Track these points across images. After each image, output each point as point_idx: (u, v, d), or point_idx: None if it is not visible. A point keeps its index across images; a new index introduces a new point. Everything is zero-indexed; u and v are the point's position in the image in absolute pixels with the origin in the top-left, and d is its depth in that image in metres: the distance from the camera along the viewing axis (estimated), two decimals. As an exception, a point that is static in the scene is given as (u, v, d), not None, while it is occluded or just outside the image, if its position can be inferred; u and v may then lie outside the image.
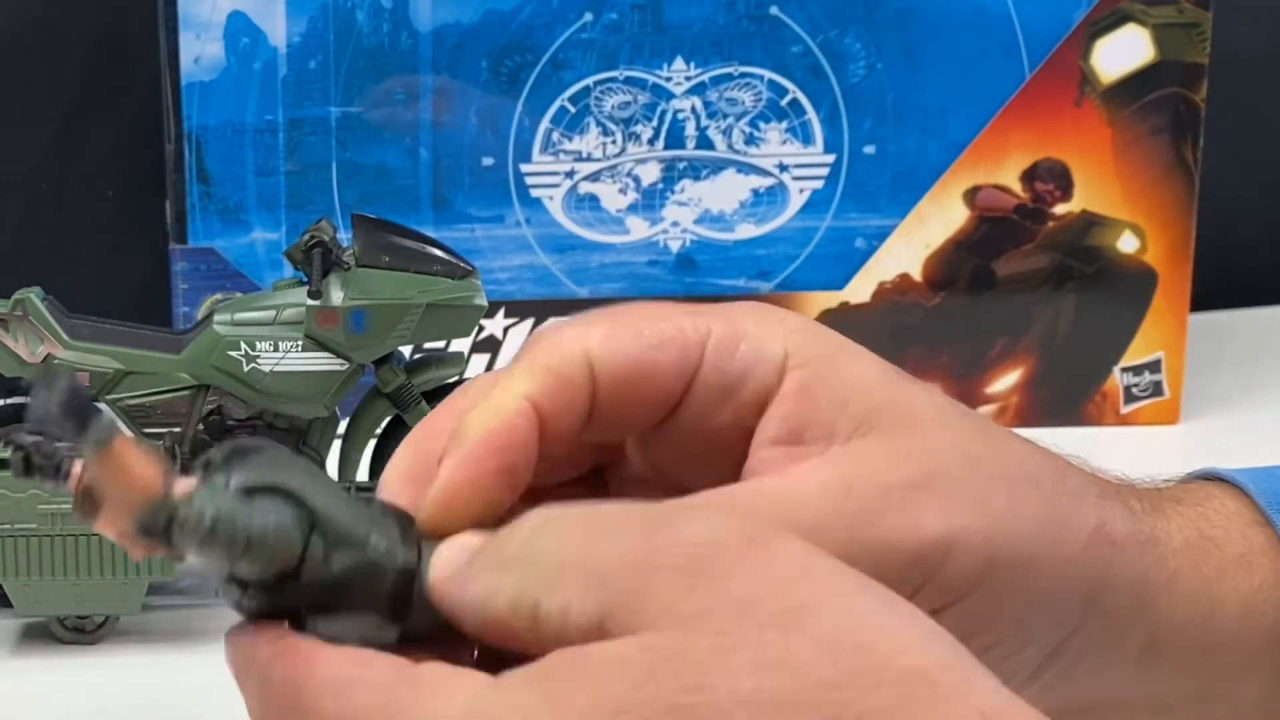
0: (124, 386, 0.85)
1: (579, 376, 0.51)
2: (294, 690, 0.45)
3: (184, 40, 1.02)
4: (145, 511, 0.45)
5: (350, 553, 0.46)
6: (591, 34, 1.04)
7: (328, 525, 0.46)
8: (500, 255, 1.05)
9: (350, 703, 0.44)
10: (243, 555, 0.46)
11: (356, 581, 0.47)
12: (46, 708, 0.77)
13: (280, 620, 0.48)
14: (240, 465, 0.47)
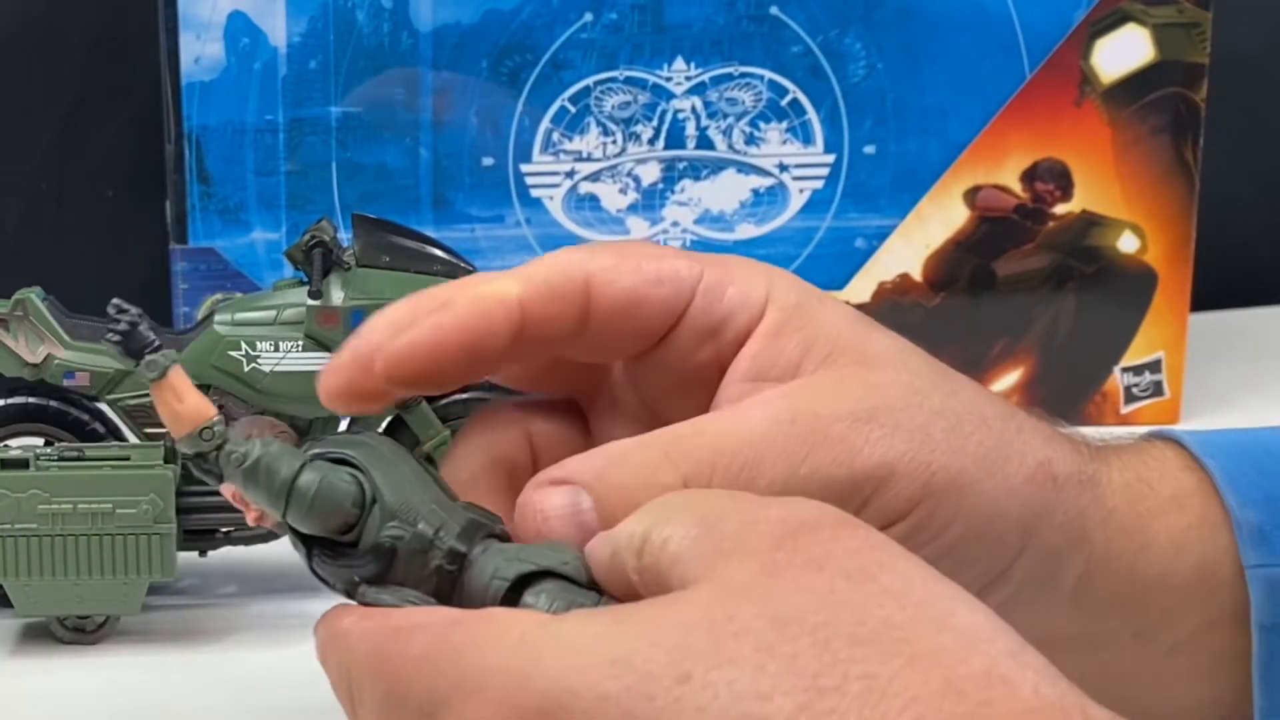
0: (124, 386, 0.85)
1: (573, 294, 0.55)
2: (367, 648, 0.49)
3: (184, 40, 1.02)
4: (196, 432, 0.53)
5: (401, 527, 0.51)
6: (591, 34, 1.04)
7: (386, 500, 0.51)
8: (500, 255, 1.05)
9: (415, 644, 0.47)
10: (289, 506, 0.51)
11: (405, 556, 0.51)
12: (46, 708, 0.77)
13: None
14: (321, 441, 0.53)
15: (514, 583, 0.50)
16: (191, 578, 0.88)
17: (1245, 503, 0.58)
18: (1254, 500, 0.58)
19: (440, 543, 0.51)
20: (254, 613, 0.85)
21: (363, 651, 0.49)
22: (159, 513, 0.79)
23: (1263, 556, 0.58)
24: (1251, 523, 0.58)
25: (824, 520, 0.47)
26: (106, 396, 0.86)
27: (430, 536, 0.51)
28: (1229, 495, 0.58)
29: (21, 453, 0.80)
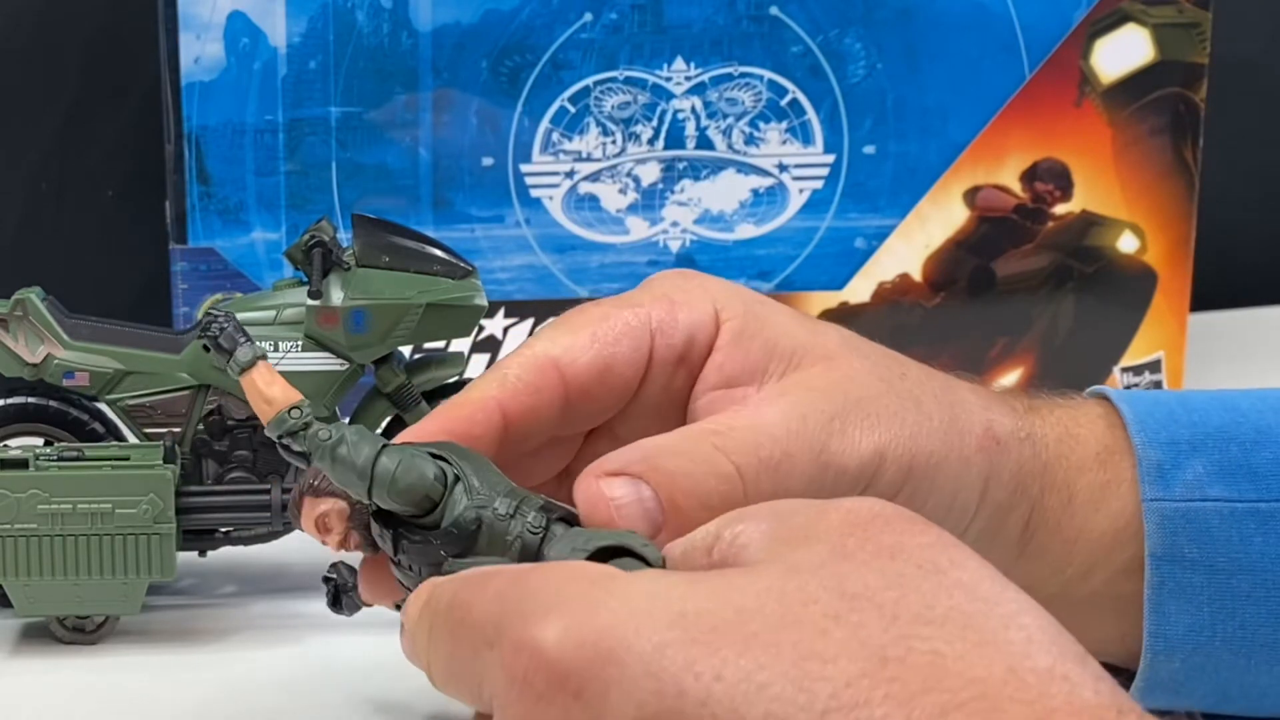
0: (124, 386, 0.85)
1: (549, 384, 0.59)
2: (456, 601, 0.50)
3: (184, 40, 1.02)
4: (286, 410, 0.58)
5: (484, 502, 0.55)
6: (591, 34, 1.04)
7: (468, 483, 0.55)
8: (500, 255, 1.05)
9: (492, 584, 0.49)
10: (374, 482, 0.56)
11: (488, 529, 0.55)
12: (46, 708, 0.77)
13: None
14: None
15: (594, 554, 0.51)
16: (191, 578, 0.88)
17: (1150, 443, 0.62)
18: (1159, 441, 0.62)
19: (523, 514, 0.54)
20: (253, 613, 0.85)
21: (445, 598, 0.50)
22: (158, 513, 0.79)
23: (1158, 491, 0.61)
24: (1152, 460, 0.61)
25: (896, 515, 0.48)
26: (106, 396, 0.86)
27: (511, 511, 0.54)
28: (1136, 435, 0.62)
29: (21, 453, 0.80)
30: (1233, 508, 0.61)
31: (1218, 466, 0.61)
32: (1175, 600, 0.61)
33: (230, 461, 0.85)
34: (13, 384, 0.86)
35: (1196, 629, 0.61)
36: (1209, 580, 0.61)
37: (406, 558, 0.56)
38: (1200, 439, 0.62)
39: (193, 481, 0.84)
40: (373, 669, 0.78)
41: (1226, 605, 0.61)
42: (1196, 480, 0.61)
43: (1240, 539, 0.61)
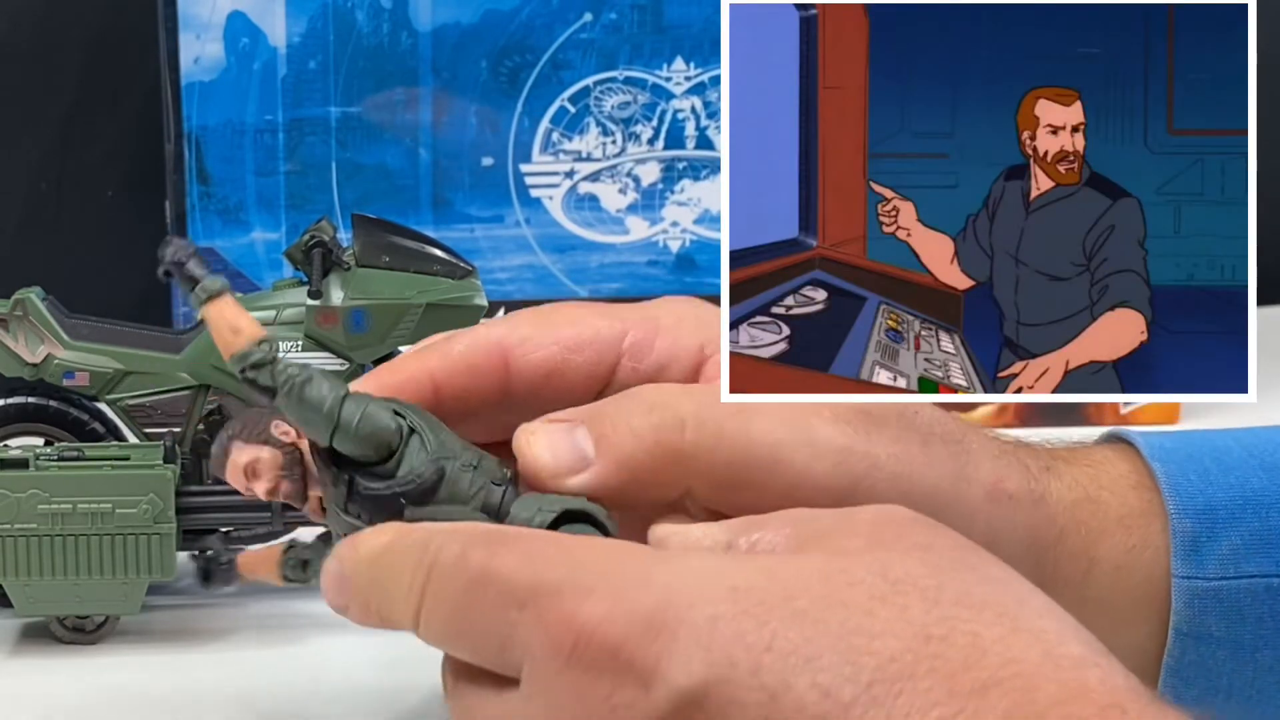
0: (124, 386, 0.85)
1: (490, 368, 0.58)
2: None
3: (184, 40, 1.02)
4: (249, 346, 0.56)
5: (443, 452, 0.54)
6: (591, 34, 1.04)
7: (424, 436, 0.54)
8: (500, 255, 1.05)
9: (521, 542, 0.49)
10: (337, 426, 0.54)
11: (451, 477, 0.54)
12: (46, 708, 0.77)
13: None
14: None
15: (560, 516, 0.52)
16: (191, 578, 0.87)
17: (1184, 511, 0.59)
18: (1193, 509, 0.59)
19: (485, 469, 0.54)
20: (253, 613, 0.85)
21: (452, 549, 0.49)
22: (158, 512, 0.79)
23: (1190, 569, 0.59)
24: (1187, 532, 0.59)
25: (922, 519, 0.49)
26: (106, 396, 0.86)
27: (475, 463, 0.54)
28: (1170, 502, 0.59)
29: (21, 453, 0.80)
30: (1268, 583, 0.59)
31: (1255, 537, 0.59)
32: (1194, 671, 0.60)
33: (230, 461, 0.85)
34: (13, 384, 0.86)
35: (1210, 693, 0.60)
36: (1232, 655, 0.59)
37: (358, 506, 0.55)
38: (1238, 506, 0.60)
39: (193, 481, 0.84)
40: (372, 669, 0.78)
41: (1245, 675, 0.60)
42: (1232, 554, 0.59)
43: (1271, 615, 0.59)
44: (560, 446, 0.54)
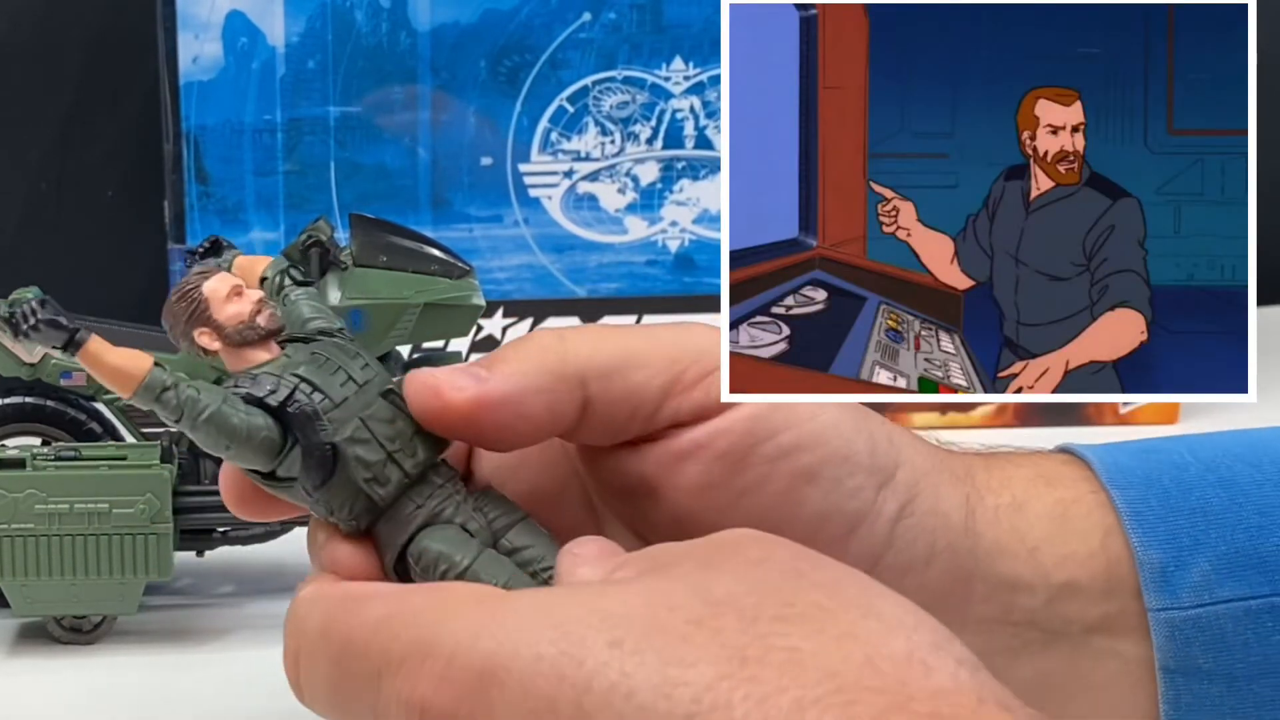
0: (122, 386, 0.85)
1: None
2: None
3: (182, 40, 1.02)
4: (155, 372, 0.51)
5: (323, 445, 0.51)
6: (590, 34, 1.04)
7: (304, 414, 0.51)
8: (499, 255, 1.05)
9: (372, 609, 0.48)
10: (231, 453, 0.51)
11: (344, 464, 0.51)
12: (44, 708, 0.77)
13: None
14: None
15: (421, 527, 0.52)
16: (188, 578, 0.87)
17: (1149, 542, 0.57)
18: (1158, 539, 0.57)
19: (374, 411, 0.52)
20: (251, 613, 0.85)
21: (315, 620, 0.50)
22: (156, 513, 0.79)
23: (1164, 600, 0.57)
24: (1154, 563, 0.57)
25: (766, 537, 0.48)
26: (103, 396, 0.85)
27: (361, 431, 0.51)
28: (1134, 534, 0.57)
29: (18, 452, 0.80)
30: (1246, 606, 0.57)
31: (1225, 561, 0.57)
32: (1195, 714, 0.57)
33: (228, 461, 0.85)
34: (10, 384, 0.86)
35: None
36: (1229, 690, 0.57)
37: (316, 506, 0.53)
38: (1202, 530, 0.58)
39: (190, 481, 0.84)
40: (370, 669, 0.78)
41: (1250, 715, 0.57)
42: (1204, 581, 0.57)
43: (1258, 640, 0.57)
44: (454, 374, 0.53)
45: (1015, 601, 0.58)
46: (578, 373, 0.54)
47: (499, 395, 0.53)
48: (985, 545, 0.57)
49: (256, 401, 0.51)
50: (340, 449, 0.51)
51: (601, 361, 0.54)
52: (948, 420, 1.08)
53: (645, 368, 0.55)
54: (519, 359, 0.54)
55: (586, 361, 0.54)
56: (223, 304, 0.54)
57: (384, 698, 0.47)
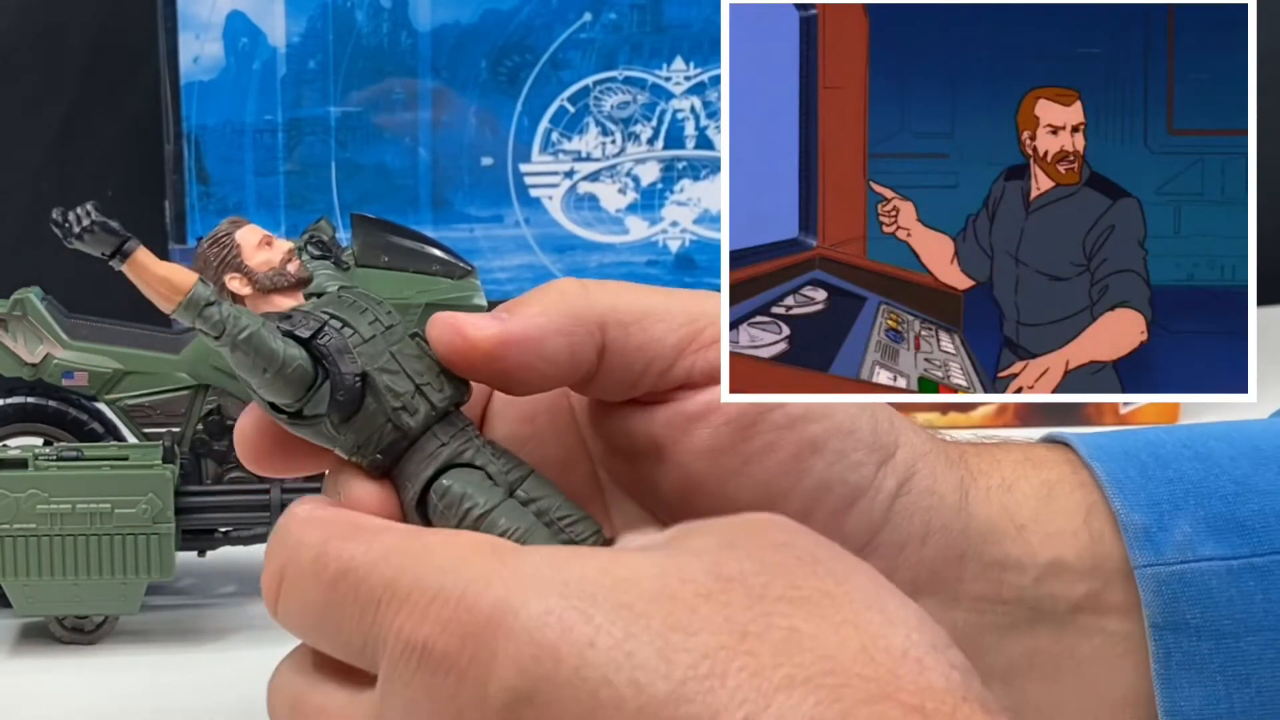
0: (123, 386, 0.85)
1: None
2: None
3: (183, 40, 1.02)
4: (198, 288, 0.52)
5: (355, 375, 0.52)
6: (591, 34, 1.04)
7: (336, 348, 0.52)
8: (499, 255, 1.05)
9: (380, 540, 0.49)
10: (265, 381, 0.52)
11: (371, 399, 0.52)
12: (45, 708, 0.77)
13: None
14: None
15: (441, 466, 0.52)
16: (190, 577, 0.88)
17: (1131, 506, 0.59)
18: (1140, 504, 0.59)
19: (404, 362, 0.53)
20: (252, 613, 0.85)
21: (311, 540, 0.50)
22: (157, 512, 0.79)
23: (1149, 556, 0.59)
24: (1137, 525, 0.59)
25: (792, 524, 0.49)
26: (105, 396, 0.86)
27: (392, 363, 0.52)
28: (1115, 500, 0.59)
29: (20, 453, 0.80)
30: (1229, 565, 0.59)
31: (1204, 523, 0.59)
32: (1185, 672, 0.59)
33: (229, 461, 0.85)
34: (12, 384, 0.86)
35: (1212, 701, 0.59)
36: (1216, 646, 0.59)
37: (339, 439, 0.53)
38: (1180, 497, 0.60)
39: (192, 481, 0.84)
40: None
41: (1239, 672, 0.59)
42: (1186, 540, 0.59)
43: (1242, 598, 0.59)
44: (476, 317, 0.54)
45: (1005, 579, 0.59)
46: (598, 318, 0.55)
47: (521, 334, 0.54)
48: (977, 525, 0.59)
49: (288, 334, 0.52)
50: (371, 377, 0.52)
51: (622, 310, 0.55)
52: (948, 420, 1.08)
53: (663, 321, 0.56)
54: (542, 302, 0.55)
55: (608, 309, 0.55)
56: (254, 251, 0.55)
57: (380, 630, 0.48)
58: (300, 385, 0.52)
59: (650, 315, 0.55)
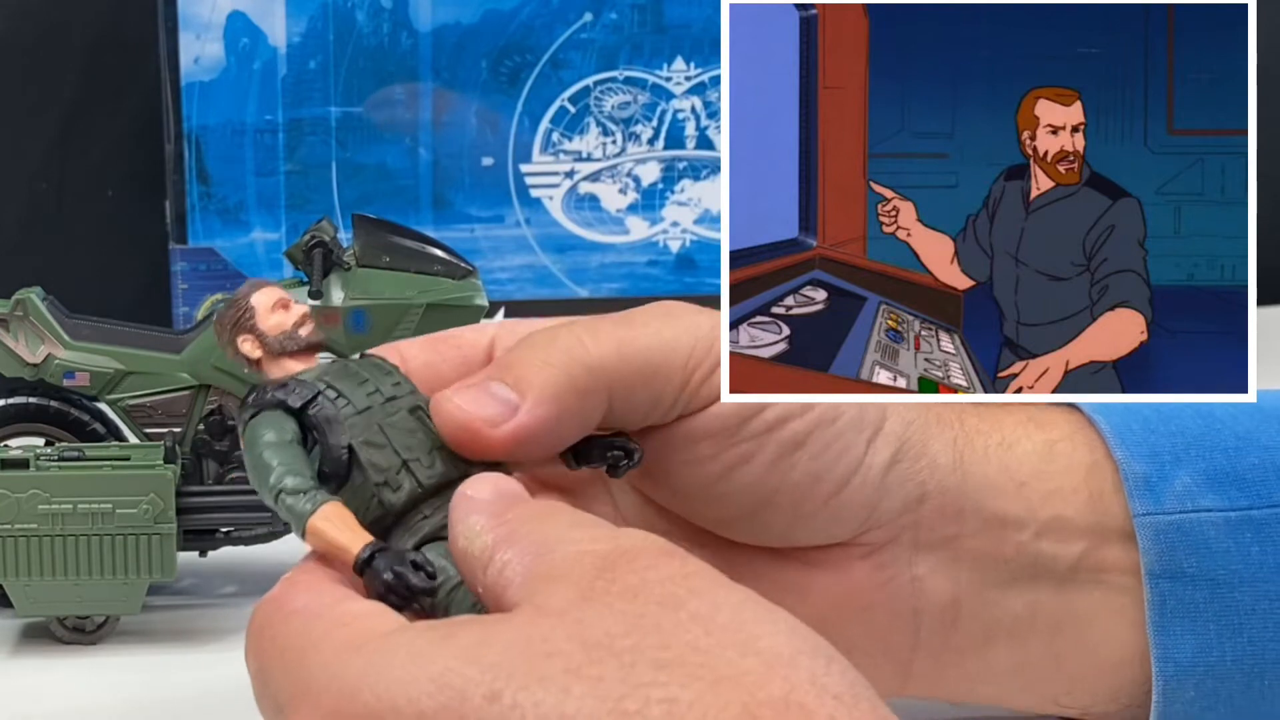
0: (124, 386, 0.85)
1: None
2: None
3: (184, 40, 1.02)
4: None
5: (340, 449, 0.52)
6: (591, 34, 1.04)
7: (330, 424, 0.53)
8: (500, 255, 1.06)
9: (283, 633, 0.49)
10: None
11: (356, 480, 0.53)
12: (46, 708, 0.77)
13: None
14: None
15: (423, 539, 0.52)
16: (191, 578, 0.88)
17: (1133, 457, 0.60)
18: (1142, 454, 0.60)
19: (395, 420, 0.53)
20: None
21: (254, 624, 0.50)
22: (159, 513, 0.79)
23: (1149, 505, 0.60)
24: (1138, 474, 0.60)
25: (645, 549, 0.47)
26: (106, 396, 0.86)
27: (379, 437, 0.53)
28: (1118, 450, 0.60)
29: (21, 453, 0.80)
30: (1226, 517, 0.60)
31: (1204, 476, 0.60)
32: (1179, 620, 0.60)
33: (230, 461, 0.85)
34: (13, 384, 0.86)
35: (1205, 649, 0.60)
36: (1211, 595, 0.59)
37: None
38: (1182, 449, 0.61)
39: (193, 481, 0.84)
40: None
41: (1232, 622, 0.60)
42: (1186, 491, 0.60)
43: (1238, 549, 0.60)
44: (483, 401, 0.53)
45: (1005, 536, 0.60)
46: (605, 386, 0.55)
47: (534, 429, 0.53)
48: (975, 481, 0.60)
49: (279, 404, 0.53)
50: (356, 451, 0.52)
51: (626, 375, 0.55)
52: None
53: (662, 377, 0.56)
54: (548, 378, 0.54)
55: (613, 376, 0.55)
56: (268, 313, 0.56)
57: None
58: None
59: (649, 371, 0.55)
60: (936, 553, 0.60)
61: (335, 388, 0.53)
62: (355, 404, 0.53)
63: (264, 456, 0.52)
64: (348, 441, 0.52)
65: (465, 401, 0.53)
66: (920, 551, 0.60)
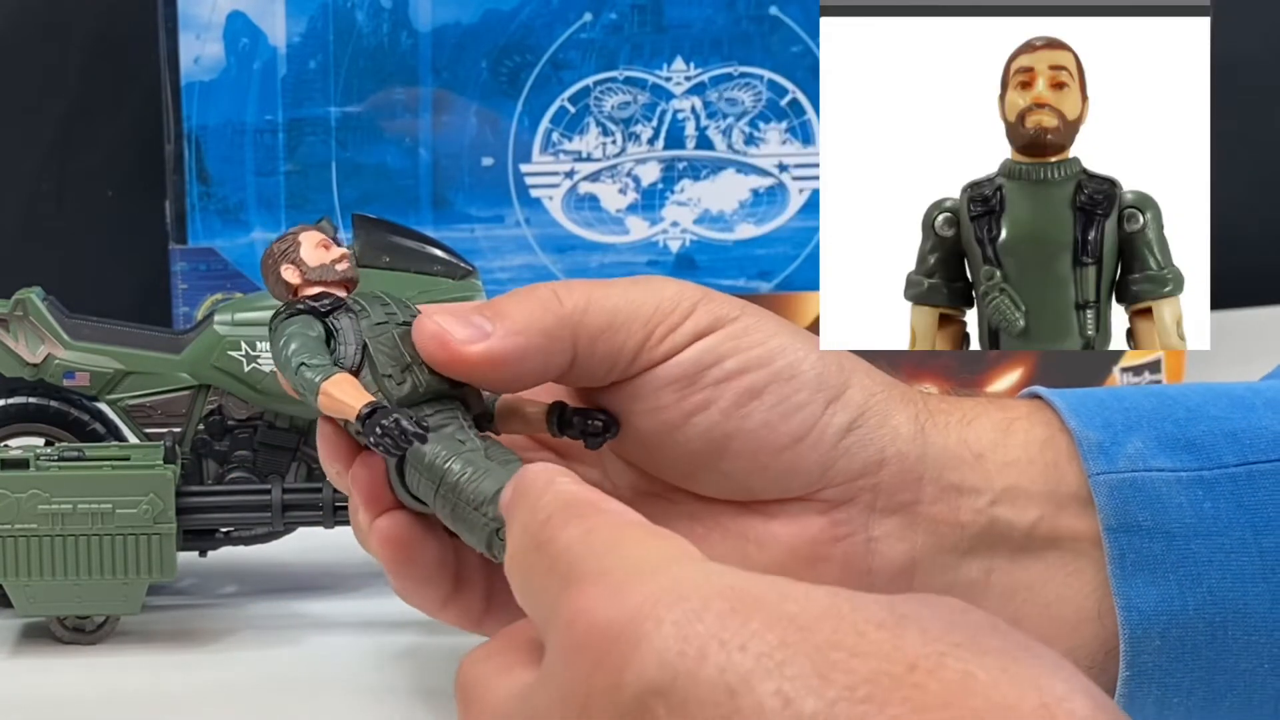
0: (124, 386, 0.85)
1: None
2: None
3: (184, 40, 1.02)
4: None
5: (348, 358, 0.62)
6: (591, 34, 1.04)
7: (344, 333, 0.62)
8: (500, 255, 1.06)
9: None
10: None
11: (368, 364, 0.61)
12: (46, 708, 0.77)
13: None
14: None
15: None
16: (191, 578, 0.88)
17: (1087, 425, 0.63)
18: (1095, 424, 0.63)
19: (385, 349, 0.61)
20: (253, 613, 0.85)
21: (539, 517, 0.50)
22: (159, 513, 0.79)
23: (1102, 465, 0.62)
24: (1092, 440, 0.62)
25: (963, 604, 0.47)
26: (106, 396, 0.86)
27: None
28: (1071, 420, 0.63)
29: (21, 453, 0.80)
30: (1178, 476, 0.62)
31: (1156, 441, 0.63)
32: (1140, 572, 0.61)
33: (230, 461, 0.85)
34: (13, 384, 0.86)
35: (1166, 599, 0.61)
36: (1168, 547, 0.61)
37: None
38: (1134, 420, 0.63)
39: (193, 481, 0.84)
40: (372, 669, 0.78)
41: (1191, 572, 0.61)
42: (1138, 453, 0.62)
43: (1191, 504, 0.62)
44: (461, 324, 0.60)
45: (962, 503, 0.63)
46: (571, 334, 0.61)
47: (501, 353, 0.60)
48: (934, 452, 0.63)
49: (310, 309, 0.62)
50: (368, 346, 0.60)
51: (591, 325, 0.61)
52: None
53: (624, 329, 0.61)
54: (521, 315, 0.61)
55: (578, 325, 0.61)
56: (312, 249, 0.64)
57: (556, 613, 0.47)
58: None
59: (614, 325, 0.61)
60: (893, 517, 0.63)
61: (360, 302, 0.62)
62: (374, 318, 0.61)
63: (290, 342, 0.61)
64: (362, 340, 0.60)
65: (445, 321, 0.60)
66: (877, 515, 0.63)
